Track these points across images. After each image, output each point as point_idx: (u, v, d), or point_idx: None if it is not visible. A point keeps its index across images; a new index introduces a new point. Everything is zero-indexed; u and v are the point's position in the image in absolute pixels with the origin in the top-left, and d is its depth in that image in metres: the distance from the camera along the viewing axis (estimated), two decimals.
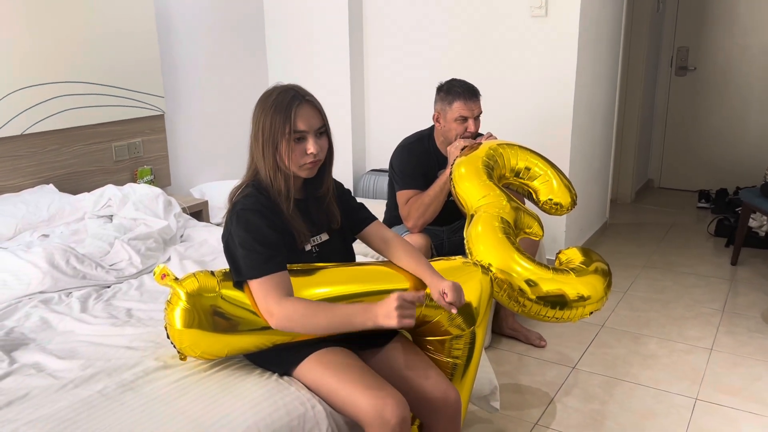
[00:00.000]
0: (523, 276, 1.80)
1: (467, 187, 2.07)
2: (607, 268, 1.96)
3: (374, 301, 1.46)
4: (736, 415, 2.27)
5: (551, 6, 3.27)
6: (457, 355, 1.67)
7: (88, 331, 1.80)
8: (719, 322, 2.98)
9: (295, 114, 1.51)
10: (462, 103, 2.45)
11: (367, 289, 1.57)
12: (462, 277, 1.65)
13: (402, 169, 2.56)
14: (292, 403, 1.45)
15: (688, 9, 5.13)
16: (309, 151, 1.53)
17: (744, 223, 3.62)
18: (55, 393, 1.46)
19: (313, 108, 1.54)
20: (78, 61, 2.91)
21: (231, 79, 3.82)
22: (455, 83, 2.50)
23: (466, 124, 2.47)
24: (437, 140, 2.60)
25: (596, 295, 1.85)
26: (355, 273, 1.61)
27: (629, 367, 2.59)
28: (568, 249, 2.06)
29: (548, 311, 1.82)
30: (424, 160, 2.56)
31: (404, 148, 2.61)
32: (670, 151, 5.45)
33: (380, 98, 3.93)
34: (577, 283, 1.83)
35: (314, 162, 1.56)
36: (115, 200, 2.65)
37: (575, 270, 1.87)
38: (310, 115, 1.53)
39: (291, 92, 1.54)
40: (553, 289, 1.81)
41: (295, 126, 1.51)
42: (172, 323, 1.47)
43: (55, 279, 2.07)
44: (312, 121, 1.53)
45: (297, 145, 1.53)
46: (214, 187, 3.52)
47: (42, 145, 2.85)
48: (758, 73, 4.93)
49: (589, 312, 1.87)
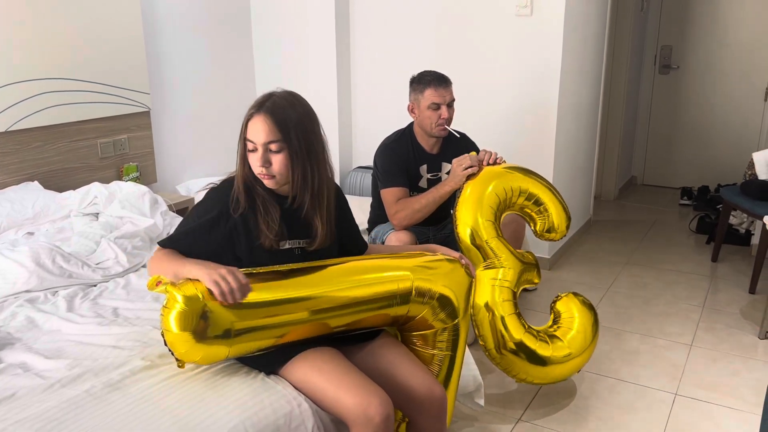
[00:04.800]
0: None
1: (473, 224, 2.21)
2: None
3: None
4: (715, 409, 2.32)
5: (536, 5, 3.29)
6: (442, 347, 1.72)
7: (74, 330, 1.80)
8: (699, 319, 3.04)
9: (248, 123, 1.54)
10: (433, 89, 2.50)
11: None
12: (443, 270, 1.68)
13: (385, 168, 2.59)
14: (279, 402, 1.47)
15: (671, 8, 5.19)
16: (256, 163, 1.55)
17: (724, 220, 3.68)
18: (42, 393, 1.47)
19: (264, 122, 1.52)
20: (63, 57, 2.90)
21: (217, 76, 3.81)
22: (426, 73, 2.57)
23: (440, 111, 2.52)
24: (416, 134, 2.64)
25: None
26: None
27: (611, 363, 2.63)
28: (564, 299, 2.30)
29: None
30: (405, 156, 2.60)
31: (387, 147, 2.64)
32: (653, 149, 5.51)
33: (367, 96, 3.94)
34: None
35: (265, 176, 1.56)
36: (101, 198, 2.65)
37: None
38: (258, 128, 1.53)
39: (262, 99, 1.55)
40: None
41: (246, 134, 1.55)
42: (169, 328, 1.42)
43: (41, 278, 2.07)
44: (259, 135, 1.53)
45: (250, 154, 1.56)
46: (201, 183, 3.52)
47: (26, 142, 2.84)
48: (739, 72, 5.00)
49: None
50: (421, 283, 1.63)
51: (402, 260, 1.67)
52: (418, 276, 1.63)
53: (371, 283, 1.59)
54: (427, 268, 1.67)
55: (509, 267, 2.18)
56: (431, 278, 1.65)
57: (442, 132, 2.55)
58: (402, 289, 1.61)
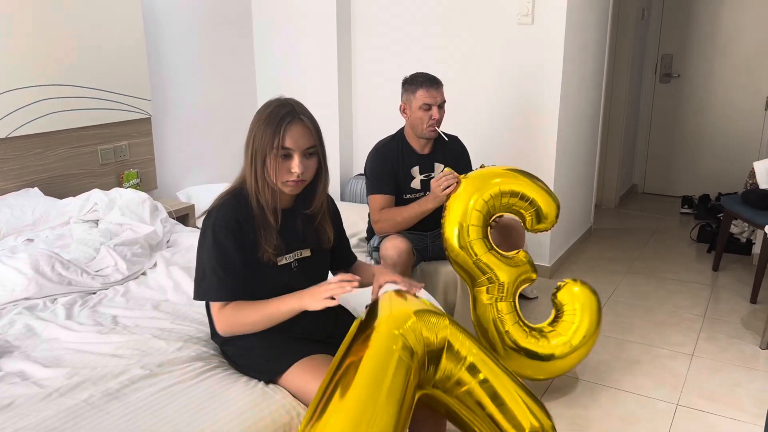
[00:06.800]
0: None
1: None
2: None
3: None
4: (716, 420, 2.30)
5: (537, 14, 3.30)
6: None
7: (73, 338, 1.79)
8: (700, 328, 3.03)
9: (285, 131, 1.52)
10: (425, 90, 2.55)
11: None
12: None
13: (373, 174, 2.64)
14: (278, 412, 1.46)
15: (672, 17, 5.20)
16: (293, 170, 1.54)
17: (725, 229, 3.67)
18: (40, 402, 1.46)
19: (304, 127, 1.54)
20: (64, 63, 2.90)
21: (218, 82, 3.82)
22: (418, 74, 2.62)
23: (431, 111, 2.56)
24: (407, 135, 2.69)
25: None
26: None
27: (612, 373, 2.62)
28: (566, 287, 2.39)
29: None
30: (393, 160, 2.64)
31: (377, 151, 2.68)
32: (654, 157, 5.51)
33: (368, 102, 3.94)
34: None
35: (297, 181, 1.56)
36: (101, 205, 2.64)
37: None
38: (299, 134, 1.53)
39: (287, 107, 1.54)
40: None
41: (283, 142, 1.52)
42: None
43: (40, 285, 2.06)
44: (300, 141, 1.53)
45: (283, 161, 1.54)
46: (201, 190, 3.52)
47: (27, 148, 2.83)
48: (740, 81, 5.00)
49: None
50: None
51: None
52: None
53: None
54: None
55: (504, 279, 2.23)
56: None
57: (432, 133, 2.60)
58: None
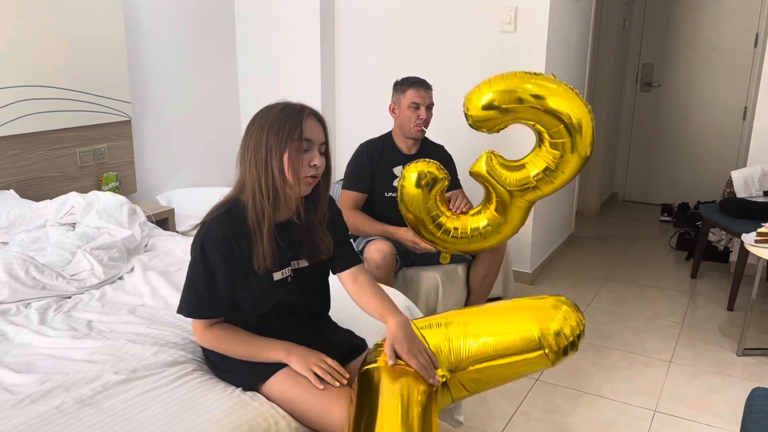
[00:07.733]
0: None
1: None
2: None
3: None
4: (694, 426, 2.32)
5: (520, 22, 3.32)
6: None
7: (46, 343, 1.75)
8: (678, 335, 3.05)
9: (306, 122, 1.51)
10: (415, 90, 2.66)
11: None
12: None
13: (350, 169, 2.74)
14: (255, 420, 1.44)
15: (653, 27, 5.27)
16: (313, 162, 1.52)
17: (703, 237, 3.72)
18: (10, 408, 1.42)
19: (318, 122, 1.55)
20: (43, 65, 2.86)
21: (200, 85, 3.79)
22: (409, 77, 2.74)
23: (419, 111, 2.66)
24: (394, 135, 2.77)
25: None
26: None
27: (591, 379, 2.63)
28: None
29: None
30: (377, 156, 2.72)
31: (360, 147, 2.77)
32: (634, 165, 5.57)
33: (350, 106, 3.93)
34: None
35: (314, 177, 1.54)
36: (78, 208, 2.60)
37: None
38: (316, 128, 1.54)
39: (297, 105, 1.55)
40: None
41: (304, 133, 1.50)
42: None
43: (13, 289, 2.02)
44: (318, 135, 1.54)
45: (304, 155, 1.51)
46: (182, 194, 3.48)
47: (3, 150, 2.78)
48: (719, 90, 5.08)
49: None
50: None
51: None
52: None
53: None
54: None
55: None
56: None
57: (418, 133, 2.68)
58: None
